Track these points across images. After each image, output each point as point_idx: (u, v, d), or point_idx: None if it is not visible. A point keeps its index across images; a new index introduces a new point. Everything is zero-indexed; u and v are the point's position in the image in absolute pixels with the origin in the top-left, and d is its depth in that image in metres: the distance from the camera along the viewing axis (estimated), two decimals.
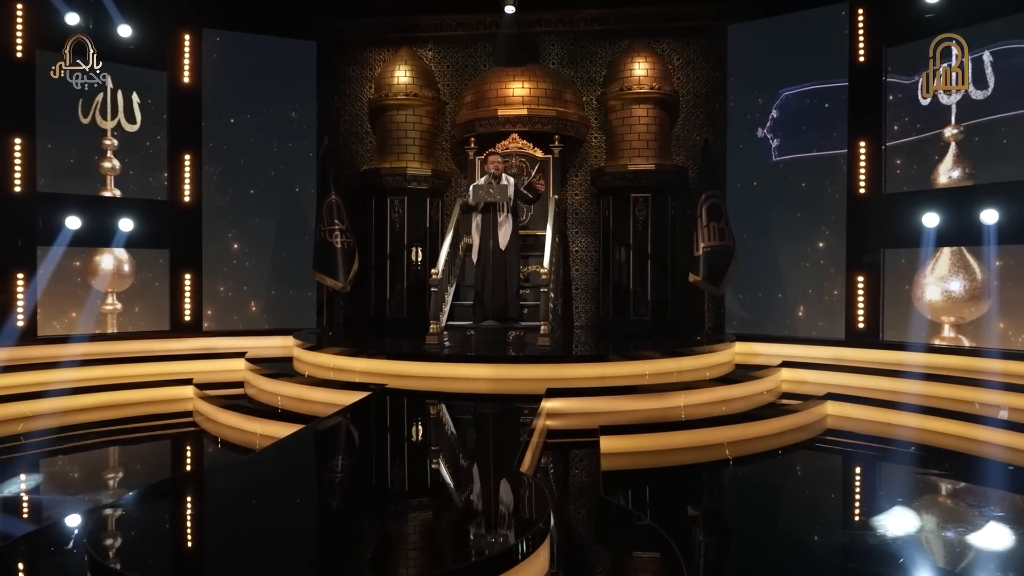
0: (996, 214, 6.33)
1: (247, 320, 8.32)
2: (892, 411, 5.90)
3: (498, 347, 6.63)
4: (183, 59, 7.97)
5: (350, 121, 9.22)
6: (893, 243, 7.08)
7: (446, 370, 5.89)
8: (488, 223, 6.78)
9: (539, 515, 2.64)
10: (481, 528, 2.71)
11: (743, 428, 5.40)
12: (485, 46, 9.10)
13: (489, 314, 6.69)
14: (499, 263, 6.70)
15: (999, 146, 6.40)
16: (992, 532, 3.73)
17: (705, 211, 7.51)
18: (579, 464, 4.52)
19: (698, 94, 8.76)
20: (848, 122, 7.31)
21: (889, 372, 6.48)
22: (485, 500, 3.18)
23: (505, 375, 5.74)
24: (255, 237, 8.40)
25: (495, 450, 4.27)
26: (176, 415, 6.49)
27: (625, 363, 6.08)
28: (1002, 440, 5.12)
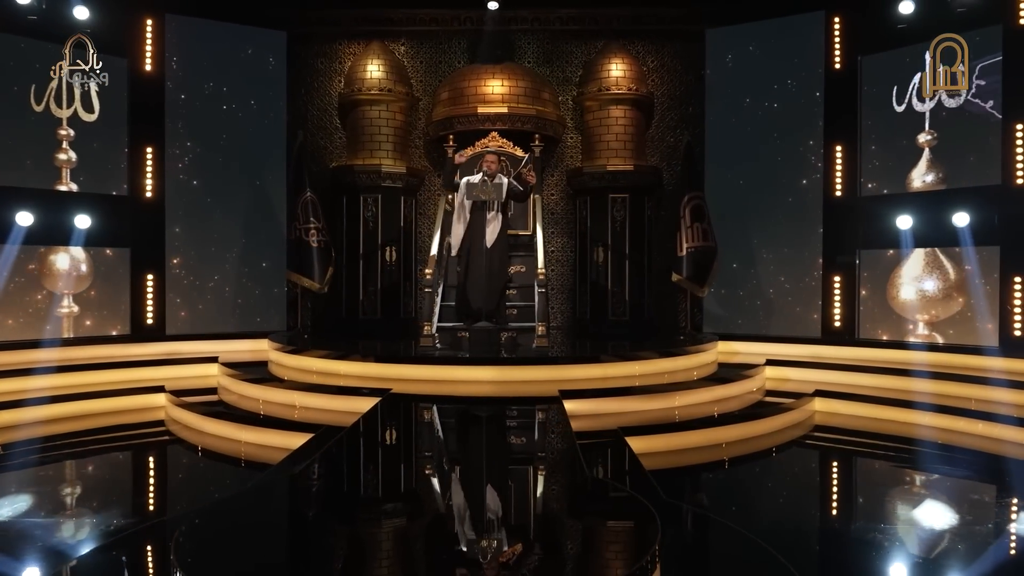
0: (967, 217, 6.64)
1: (212, 323, 7.89)
2: (876, 406, 6.11)
3: (495, 349, 6.50)
4: (144, 45, 7.49)
5: (318, 116, 8.89)
6: (868, 244, 7.33)
7: (446, 373, 5.72)
8: (476, 221, 6.64)
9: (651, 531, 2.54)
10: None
11: (747, 427, 5.47)
12: (460, 42, 8.94)
13: (475, 314, 6.55)
14: (486, 262, 6.57)
15: (970, 151, 6.70)
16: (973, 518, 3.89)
17: (688, 212, 7.60)
18: (619, 467, 4.41)
19: (672, 96, 8.86)
20: (824, 126, 7.52)
21: (868, 369, 6.72)
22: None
23: (510, 377, 5.63)
24: (220, 235, 7.97)
25: (556, 458, 4.12)
26: (147, 425, 6.10)
27: (630, 363, 6.07)
28: (976, 431, 5.39)
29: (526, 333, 6.77)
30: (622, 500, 3.20)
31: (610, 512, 3.06)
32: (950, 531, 3.75)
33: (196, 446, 5.37)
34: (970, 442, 5.28)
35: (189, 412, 5.85)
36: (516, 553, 2.34)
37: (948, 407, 5.76)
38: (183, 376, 7.04)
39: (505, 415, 5.05)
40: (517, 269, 7.38)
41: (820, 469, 5.19)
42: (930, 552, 3.41)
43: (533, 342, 6.60)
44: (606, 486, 3.36)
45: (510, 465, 3.92)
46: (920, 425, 5.72)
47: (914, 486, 4.65)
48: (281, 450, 4.98)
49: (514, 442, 4.57)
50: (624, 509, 3.03)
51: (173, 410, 6.14)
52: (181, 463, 5.19)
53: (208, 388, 6.82)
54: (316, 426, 4.97)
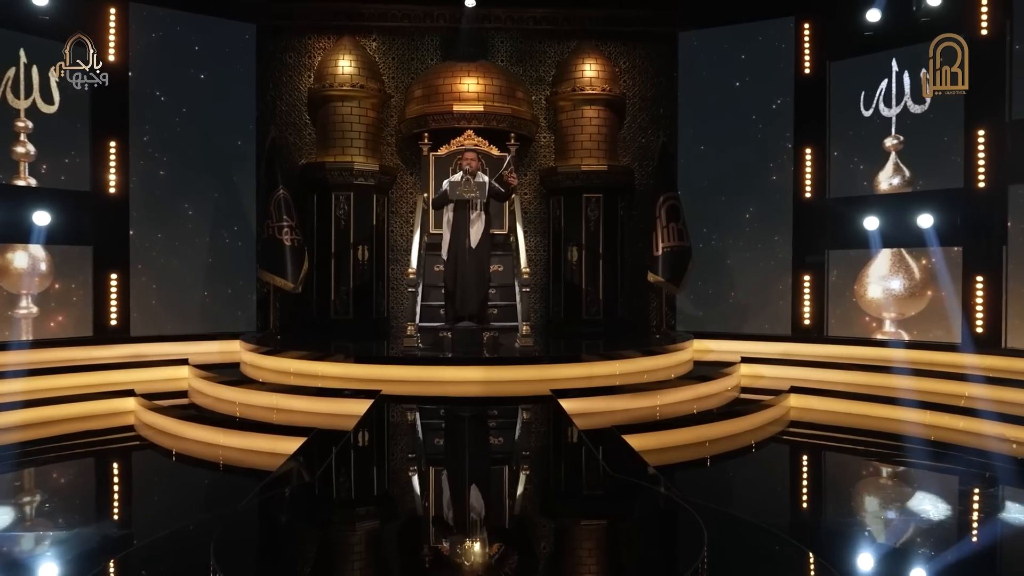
0: (931, 219, 6.91)
1: (179, 324, 7.63)
2: (848, 401, 6.31)
3: (480, 349, 6.46)
4: (107, 34, 7.19)
5: (287, 111, 8.68)
6: (837, 245, 7.56)
7: (435, 373, 5.66)
8: (460, 221, 6.60)
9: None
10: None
11: (732, 424, 5.57)
12: (433, 39, 8.86)
13: (461, 314, 6.51)
14: (471, 262, 6.54)
15: (935, 155, 6.97)
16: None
17: (664, 212, 7.70)
18: (625, 464, 4.42)
19: (644, 97, 8.96)
20: (794, 130, 7.72)
21: (838, 365, 6.92)
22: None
23: (499, 377, 5.60)
24: (186, 233, 7.71)
25: (574, 458, 4.11)
26: (117, 430, 5.85)
27: (615, 362, 6.10)
28: (942, 423, 5.62)
29: (507, 333, 6.75)
30: (656, 498, 3.22)
31: (649, 511, 3.08)
32: (945, 521, 3.91)
33: (172, 452, 5.17)
34: (938, 434, 5.49)
35: (164, 416, 5.64)
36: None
37: (915, 401, 5.98)
38: (151, 379, 6.79)
39: (506, 416, 5.03)
40: (495, 268, 7.35)
41: (812, 463, 5.33)
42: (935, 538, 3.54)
43: (515, 341, 6.60)
44: (632, 484, 3.37)
45: (529, 466, 3.91)
46: (891, 419, 5.93)
47: (906, 479, 4.82)
48: (269, 455, 4.85)
49: (526, 443, 4.55)
50: (661, 508, 3.06)
51: (145, 414, 5.90)
52: (165, 470, 4.98)
53: (178, 391, 6.61)
54: (306, 429, 4.86)
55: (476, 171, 6.67)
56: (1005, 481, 4.46)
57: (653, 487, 3.28)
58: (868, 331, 7.41)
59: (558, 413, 4.62)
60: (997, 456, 4.84)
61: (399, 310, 8.87)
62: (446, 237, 6.64)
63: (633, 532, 2.85)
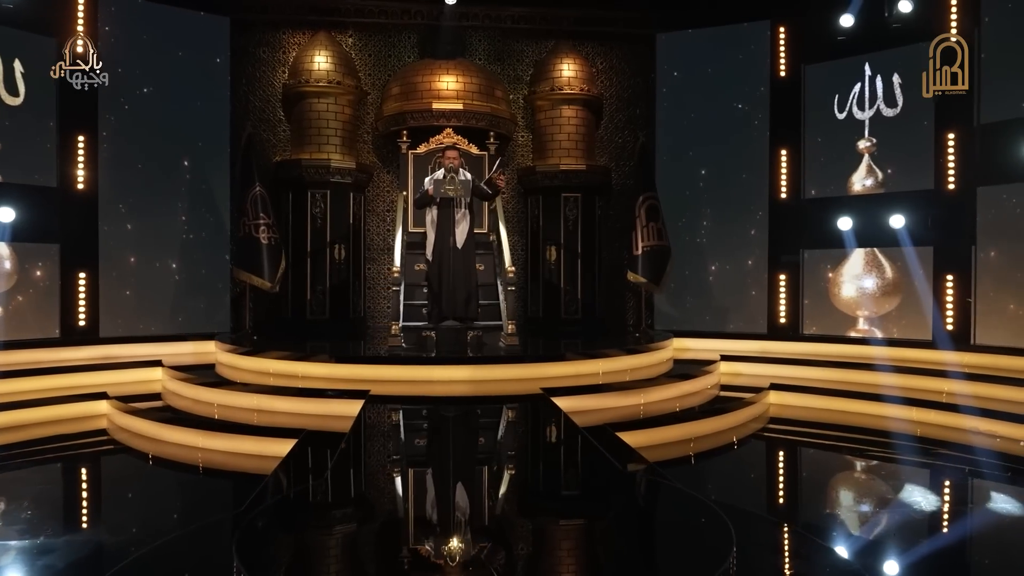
0: (903, 219, 7.10)
1: (150, 324, 7.41)
2: (824, 397, 6.44)
3: (466, 348, 6.42)
4: (76, 25, 6.94)
5: (261, 107, 8.51)
6: (812, 244, 7.71)
7: (423, 373, 5.60)
8: (445, 220, 6.54)
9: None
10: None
11: (717, 421, 5.64)
12: (410, 36, 8.78)
13: (447, 314, 6.47)
14: (457, 261, 6.50)
15: (907, 158, 7.16)
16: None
17: (644, 212, 7.76)
18: (632, 461, 4.42)
19: (620, 98, 9.03)
20: (769, 132, 7.85)
21: (814, 362, 7.06)
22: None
23: (487, 376, 5.57)
24: (157, 231, 7.48)
25: (581, 456, 4.09)
26: (89, 435, 5.65)
27: (600, 361, 6.13)
28: (913, 417, 5.81)
29: (490, 332, 6.73)
30: (676, 495, 3.24)
31: (672, 508, 3.09)
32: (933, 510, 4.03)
33: (151, 456, 5.02)
34: (914, 429, 5.65)
35: (142, 420, 5.46)
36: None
37: (891, 396, 6.14)
38: (122, 381, 6.59)
39: (503, 415, 4.99)
40: (477, 268, 7.32)
41: (798, 459, 5.43)
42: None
43: (500, 341, 6.58)
44: (640, 479, 3.38)
45: (544, 465, 3.90)
46: (869, 414, 6.08)
47: (889, 474, 4.94)
48: (256, 457, 4.75)
49: (534, 442, 4.52)
50: (684, 505, 3.07)
51: (121, 417, 5.71)
52: (148, 475, 4.82)
53: (151, 393, 6.42)
54: (293, 431, 4.77)
55: (459, 168, 6.63)
56: (986, 472, 4.61)
57: (673, 484, 3.30)
58: (843, 329, 7.56)
59: (555, 412, 4.62)
60: (972, 449, 5.02)
61: (376, 310, 8.77)
62: (430, 236, 6.57)
63: (663, 528, 2.86)
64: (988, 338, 6.57)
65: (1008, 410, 5.41)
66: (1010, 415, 5.34)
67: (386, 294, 8.81)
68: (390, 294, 8.71)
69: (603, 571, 2.39)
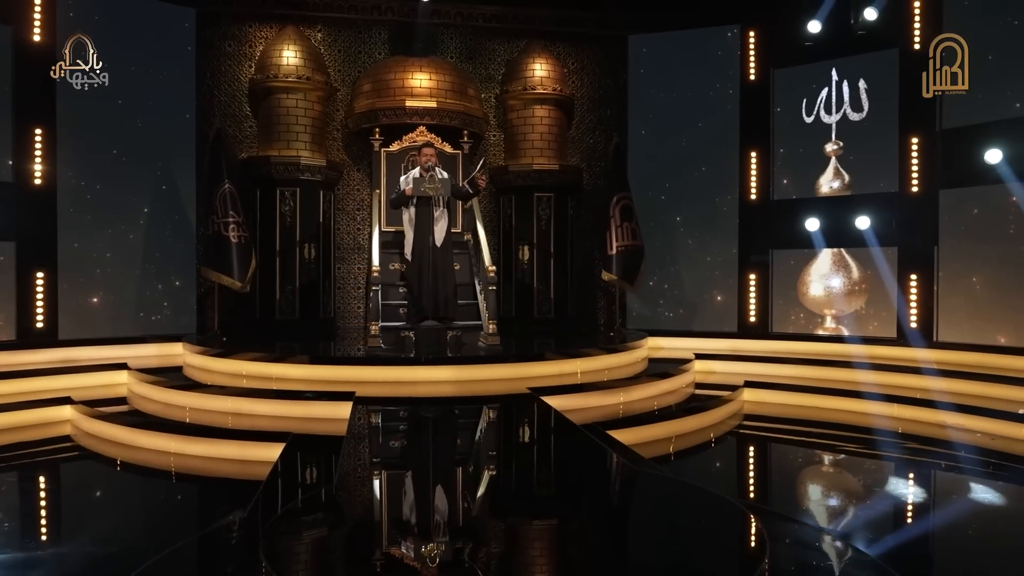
0: (868, 220, 7.32)
1: (112, 326, 7.12)
2: (795, 394, 6.60)
3: (447, 348, 6.36)
4: (32, 12, 6.62)
5: (227, 102, 8.27)
6: (780, 244, 7.88)
7: (407, 374, 5.52)
8: (424, 219, 6.47)
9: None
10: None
11: (699, 418, 5.72)
12: (380, 32, 8.66)
13: (428, 314, 6.39)
14: (437, 261, 6.43)
15: (872, 161, 7.38)
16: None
17: (618, 212, 7.82)
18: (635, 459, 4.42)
19: (591, 98, 9.08)
20: (739, 134, 8.00)
21: (784, 360, 7.22)
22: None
23: (474, 376, 5.53)
24: (119, 229, 7.20)
25: (591, 455, 4.05)
26: (52, 441, 5.42)
27: (581, 360, 6.16)
28: (881, 412, 6.01)
29: (468, 332, 6.69)
30: (692, 492, 3.26)
31: (694, 506, 3.11)
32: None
33: (119, 462, 4.82)
34: (883, 423, 5.85)
35: (112, 425, 5.24)
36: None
37: (859, 392, 6.33)
38: (84, 385, 6.32)
39: (498, 415, 4.96)
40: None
41: (779, 454, 5.55)
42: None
43: (479, 340, 6.54)
44: (662, 478, 3.40)
45: (556, 464, 3.87)
46: (839, 410, 6.27)
47: (861, 468, 5.08)
48: (237, 462, 4.62)
49: (540, 443, 4.46)
50: (711, 505, 3.10)
51: (87, 423, 5.48)
52: (127, 484, 4.62)
53: (116, 398, 6.18)
54: (275, 434, 4.65)
55: (435, 167, 6.56)
56: (963, 465, 4.79)
57: (691, 483, 3.32)
58: (811, 327, 7.74)
59: (546, 411, 4.60)
60: (941, 442, 5.23)
61: (346, 310, 8.63)
62: (409, 235, 6.49)
63: (697, 528, 2.87)
64: (950, 335, 6.81)
65: (970, 404, 5.65)
66: (973, 408, 5.57)
67: (356, 294, 8.68)
68: (362, 294, 8.63)
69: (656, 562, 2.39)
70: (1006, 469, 4.67)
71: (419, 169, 6.55)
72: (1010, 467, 4.71)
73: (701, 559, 2.48)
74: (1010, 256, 6.43)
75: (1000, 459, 4.83)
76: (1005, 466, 4.72)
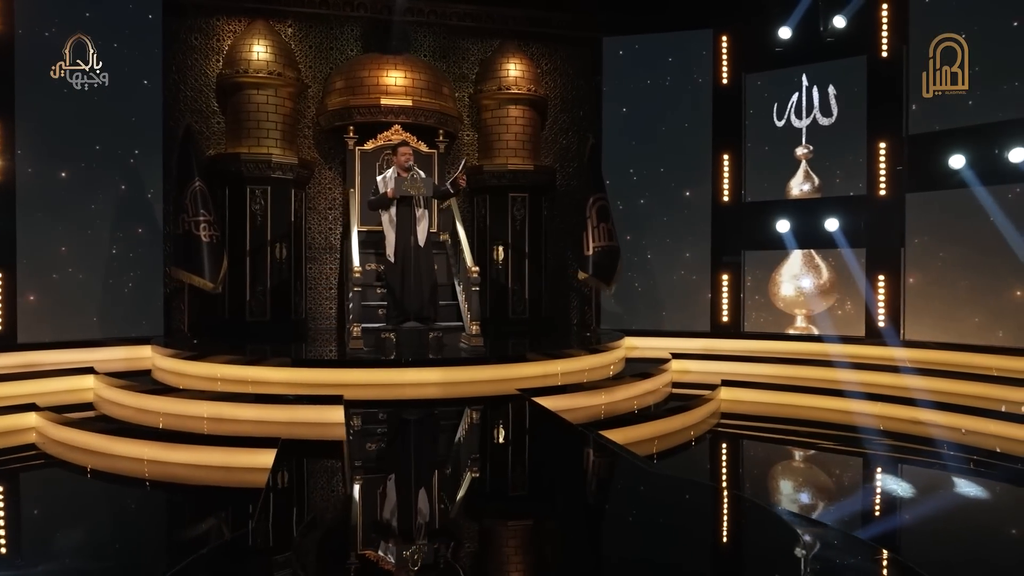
0: (837, 222, 7.52)
1: (73, 329, 6.83)
2: (770, 392, 6.73)
3: (430, 349, 6.29)
4: None
5: (193, 97, 8.02)
6: (752, 246, 8.03)
7: (394, 376, 5.43)
8: (405, 219, 6.38)
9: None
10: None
11: (683, 417, 5.77)
12: (352, 29, 8.51)
13: (411, 315, 6.31)
14: (419, 261, 6.36)
15: (842, 165, 7.58)
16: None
17: (595, 212, 7.85)
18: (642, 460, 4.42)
19: (564, 99, 9.10)
20: (712, 137, 8.12)
21: (756, 359, 7.36)
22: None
23: (458, 378, 5.48)
24: (80, 227, 6.90)
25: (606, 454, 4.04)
26: (16, 450, 5.15)
27: (564, 360, 6.15)
28: (852, 408, 6.17)
29: (450, 332, 6.63)
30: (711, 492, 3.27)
31: (715, 507, 3.12)
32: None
33: (89, 470, 4.62)
34: (855, 419, 6.00)
35: (84, 432, 5.02)
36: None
37: (831, 390, 6.49)
38: (48, 391, 6.04)
39: (499, 417, 4.91)
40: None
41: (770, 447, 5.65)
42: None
43: (460, 341, 6.49)
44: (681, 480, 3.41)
45: (571, 465, 3.84)
46: (815, 407, 6.42)
47: (834, 463, 5.21)
48: (222, 469, 4.48)
49: (550, 444, 4.40)
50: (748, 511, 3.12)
51: (55, 430, 5.23)
52: (109, 495, 4.41)
53: (82, 403, 5.93)
54: (262, 440, 4.52)
55: (412, 167, 6.48)
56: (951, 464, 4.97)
57: (709, 484, 3.34)
58: (782, 326, 7.90)
59: (543, 412, 4.58)
60: (917, 439, 5.40)
61: (317, 311, 8.46)
62: (390, 236, 6.40)
63: (733, 528, 2.88)
64: (916, 334, 7.04)
65: (940, 400, 5.84)
66: (945, 405, 5.77)
67: (328, 295, 8.52)
68: (334, 295, 8.49)
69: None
70: (982, 464, 4.85)
71: (395, 169, 6.46)
72: (984, 461, 4.89)
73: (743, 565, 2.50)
74: (973, 258, 6.68)
75: (971, 454, 5.01)
76: (982, 461, 4.91)
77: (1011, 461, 4.91)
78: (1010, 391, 5.80)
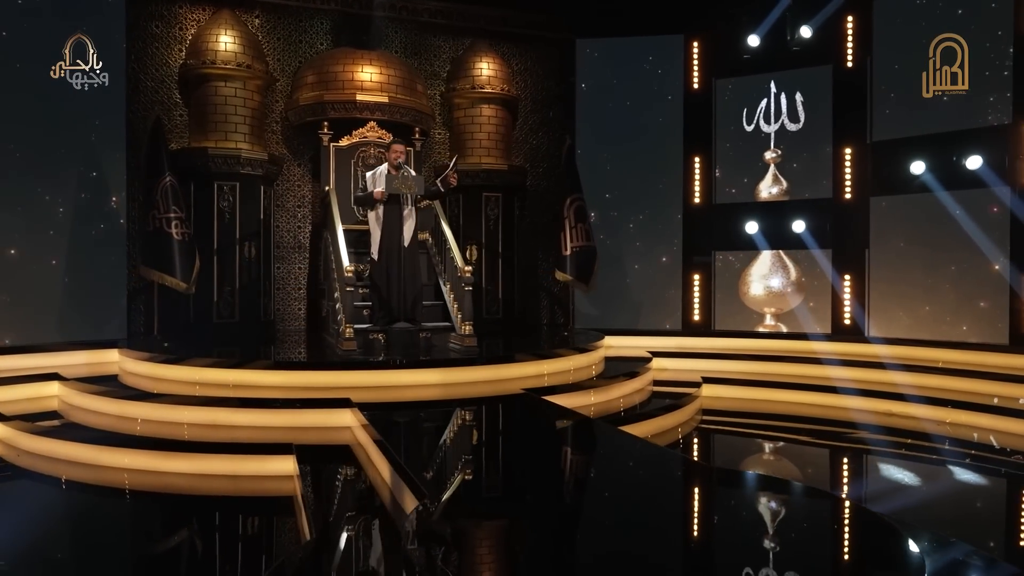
0: (804, 224, 7.81)
1: (29, 332, 6.40)
2: (746, 388, 6.98)
3: (417, 349, 6.18)
4: None
5: (154, 88, 7.64)
6: (722, 246, 8.25)
7: (388, 378, 5.28)
8: (393, 218, 6.26)
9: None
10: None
11: (676, 416, 5.90)
12: (322, 23, 8.29)
13: (398, 316, 6.20)
14: (405, 261, 6.25)
15: (809, 168, 7.88)
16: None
17: (572, 213, 7.90)
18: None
19: (535, 100, 9.12)
20: (683, 140, 8.29)
21: (729, 356, 7.58)
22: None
23: (460, 379, 5.40)
24: (36, 225, 6.47)
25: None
26: None
27: (552, 361, 6.09)
28: (823, 402, 6.49)
29: (439, 333, 6.55)
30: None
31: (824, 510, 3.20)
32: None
33: (63, 480, 4.35)
34: (830, 413, 6.28)
35: (63, 442, 4.71)
36: None
37: (803, 384, 6.78)
38: (7, 399, 5.63)
39: (511, 416, 4.85)
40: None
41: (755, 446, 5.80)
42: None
43: (449, 341, 6.41)
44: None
45: (628, 463, 3.82)
46: (791, 402, 6.67)
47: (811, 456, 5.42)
48: (228, 478, 4.28)
49: (587, 442, 4.36)
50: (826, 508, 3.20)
51: (24, 440, 4.88)
52: (107, 508, 4.14)
53: (46, 411, 5.56)
54: (269, 446, 4.35)
55: (403, 165, 6.37)
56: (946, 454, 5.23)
57: (777, 478, 3.39)
58: (752, 325, 8.15)
59: (559, 410, 4.57)
60: (894, 431, 5.68)
61: (286, 312, 8.20)
62: (376, 234, 6.26)
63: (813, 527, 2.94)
64: (880, 331, 7.39)
65: (907, 393, 6.16)
66: (910, 397, 6.09)
67: (297, 295, 8.27)
68: (303, 295, 8.25)
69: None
70: (942, 452, 5.15)
71: (387, 166, 6.33)
72: (941, 448, 5.19)
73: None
74: (934, 258, 7.07)
75: (940, 443, 5.31)
76: (946, 449, 5.20)
77: (980, 448, 5.24)
78: (975, 383, 6.17)
